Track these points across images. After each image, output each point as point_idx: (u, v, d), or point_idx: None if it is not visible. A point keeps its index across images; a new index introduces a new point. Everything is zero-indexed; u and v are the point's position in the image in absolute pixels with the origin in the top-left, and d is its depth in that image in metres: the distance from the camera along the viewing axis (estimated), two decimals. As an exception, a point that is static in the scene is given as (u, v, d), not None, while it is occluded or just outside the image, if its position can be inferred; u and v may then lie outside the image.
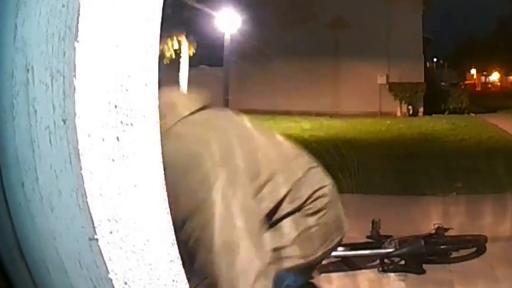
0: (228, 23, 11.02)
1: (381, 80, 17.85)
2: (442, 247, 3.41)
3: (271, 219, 1.13)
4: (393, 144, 10.00)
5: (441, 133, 10.93)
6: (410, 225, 4.21)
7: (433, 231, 3.50)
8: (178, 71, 14.63)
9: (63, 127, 0.73)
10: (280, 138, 1.36)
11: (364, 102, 17.66)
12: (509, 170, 5.41)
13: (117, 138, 0.75)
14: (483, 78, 54.19)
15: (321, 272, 1.78)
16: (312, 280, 1.45)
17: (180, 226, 0.94)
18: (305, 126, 12.84)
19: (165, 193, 0.82)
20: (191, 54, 14.76)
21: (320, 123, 13.99)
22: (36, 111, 0.78)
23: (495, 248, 3.56)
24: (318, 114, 16.15)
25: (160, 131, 0.83)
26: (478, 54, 43.81)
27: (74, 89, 0.71)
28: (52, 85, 0.74)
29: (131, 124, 0.76)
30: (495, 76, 52.38)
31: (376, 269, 3.32)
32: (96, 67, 0.72)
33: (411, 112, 17.55)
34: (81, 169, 0.72)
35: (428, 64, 26.19)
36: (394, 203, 5.21)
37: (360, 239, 3.88)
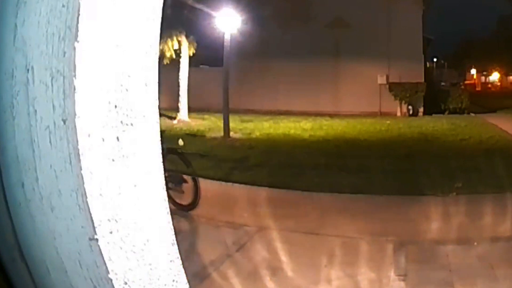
0: (228, 23, 11.00)
1: (381, 80, 17.84)
2: None
3: None
4: (393, 144, 10.00)
5: (441, 133, 10.93)
6: (410, 225, 4.21)
7: None
8: (178, 71, 14.62)
9: (63, 127, 0.73)
10: None
11: (364, 102, 17.65)
12: (509, 170, 5.40)
13: (117, 138, 0.75)
14: (483, 78, 54.15)
15: None
16: None
17: None
18: (305, 126, 12.83)
19: (165, 193, 0.82)
20: (191, 54, 14.75)
21: (320, 123, 13.99)
22: (36, 111, 0.78)
23: (495, 248, 3.56)
24: (318, 114, 16.15)
25: None
26: (478, 54, 43.73)
27: (74, 89, 0.71)
28: (52, 85, 0.74)
29: (131, 124, 0.76)
30: (495, 76, 52.33)
31: None
32: (96, 67, 0.72)
33: (411, 112, 17.55)
34: (81, 169, 0.72)
35: (428, 64, 26.16)
36: (394, 203, 5.21)
37: (359, 238, 3.89)
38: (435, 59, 41.58)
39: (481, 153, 7.62)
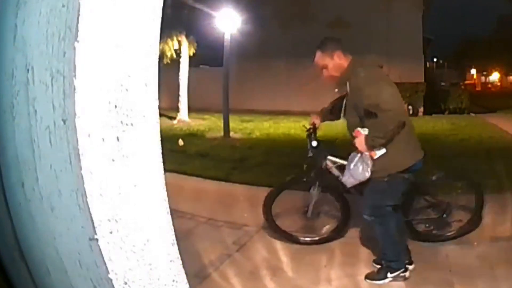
0: (228, 23, 10.99)
1: (381, 80, 17.80)
2: None
3: None
4: (393, 144, 9.96)
5: (441, 133, 10.92)
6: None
7: None
8: (178, 71, 14.62)
9: (63, 127, 0.73)
10: None
11: (364, 102, 17.62)
12: (509, 170, 5.40)
13: (117, 138, 0.75)
14: (483, 78, 54.16)
15: None
16: None
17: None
18: (305, 126, 12.77)
19: (165, 193, 0.82)
20: (191, 54, 14.75)
21: (320, 123, 13.94)
22: (36, 111, 0.78)
23: (495, 248, 3.56)
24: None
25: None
26: (478, 54, 43.68)
27: (74, 89, 0.71)
28: (52, 85, 0.74)
29: (131, 124, 0.76)
30: (495, 76, 52.34)
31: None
32: (96, 67, 0.72)
33: (411, 112, 17.51)
34: (81, 169, 0.72)
35: (428, 64, 26.15)
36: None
37: (359, 238, 3.89)
38: (435, 59, 41.59)
39: (481, 153, 7.61)
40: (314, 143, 3.73)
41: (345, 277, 3.27)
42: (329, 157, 3.64)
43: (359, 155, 3.04)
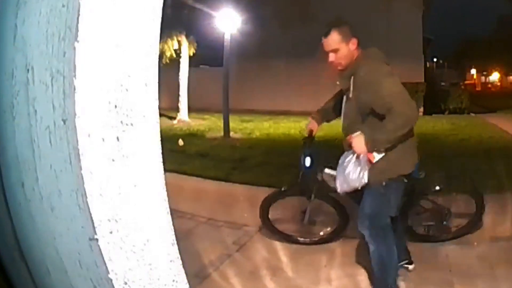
0: (228, 23, 10.99)
1: (381, 80, 17.79)
2: None
3: None
4: (393, 144, 9.95)
5: (441, 133, 10.92)
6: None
7: None
8: (178, 71, 14.62)
9: (63, 127, 0.73)
10: None
11: (364, 102, 17.60)
12: (509, 170, 5.40)
13: (117, 138, 0.75)
14: (483, 78, 54.18)
15: None
16: None
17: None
18: (305, 126, 12.74)
19: (165, 193, 0.82)
20: (191, 54, 14.75)
21: (320, 123, 13.93)
22: (36, 111, 0.78)
23: (495, 248, 3.56)
24: (318, 114, 16.09)
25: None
26: (478, 54, 43.64)
27: (74, 89, 0.71)
28: (52, 85, 0.74)
29: (131, 124, 0.76)
30: (495, 76, 52.34)
31: None
32: (96, 67, 0.72)
33: (411, 112, 17.47)
34: (81, 169, 0.72)
35: (428, 64, 26.15)
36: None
37: (359, 238, 3.89)
38: (435, 59, 41.60)
39: (481, 153, 7.61)
40: (308, 162, 3.45)
41: (345, 277, 3.27)
42: (326, 170, 3.35)
43: (354, 158, 2.73)
